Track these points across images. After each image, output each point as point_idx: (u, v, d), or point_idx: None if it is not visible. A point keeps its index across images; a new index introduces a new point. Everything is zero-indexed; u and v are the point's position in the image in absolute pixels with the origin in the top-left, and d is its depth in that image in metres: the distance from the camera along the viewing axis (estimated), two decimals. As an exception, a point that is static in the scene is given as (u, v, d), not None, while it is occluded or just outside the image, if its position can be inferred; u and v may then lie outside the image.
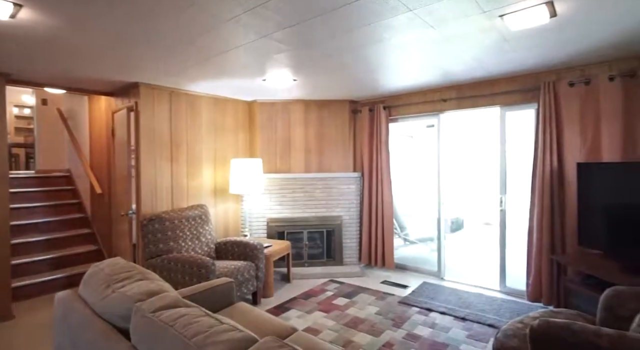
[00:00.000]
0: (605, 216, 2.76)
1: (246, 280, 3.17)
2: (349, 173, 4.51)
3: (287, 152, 4.56)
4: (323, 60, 2.83)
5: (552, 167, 3.15)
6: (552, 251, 3.14)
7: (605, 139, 2.93)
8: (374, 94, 4.22)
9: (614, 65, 2.92)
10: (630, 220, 2.61)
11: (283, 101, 4.51)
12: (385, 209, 4.33)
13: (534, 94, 3.31)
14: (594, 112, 2.99)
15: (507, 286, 3.62)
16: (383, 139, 4.34)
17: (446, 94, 3.91)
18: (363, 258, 4.51)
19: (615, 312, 1.84)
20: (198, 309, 1.19)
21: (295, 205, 4.43)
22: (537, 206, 3.22)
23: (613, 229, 2.72)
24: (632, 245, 2.58)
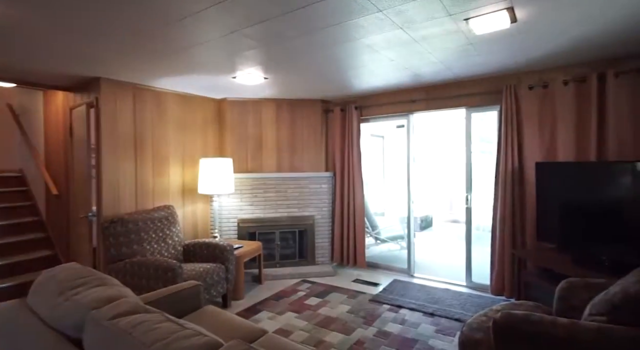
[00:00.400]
0: (560, 213, 2.94)
1: (215, 283, 3.08)
2: (321, 173, 4.51)
3: (258, 152, 4.49)
4: (294, 58, 2.80)
5: (514, 167, 3.31)
6: (514, 246, 3.30)
7: (560, 140, 3.11)
8: (346, 93, 4.25)
9: (568, 71, 3.11)
10: (581, 216, 2.79)
11: (254, 99, 4.44)
12: (357, 208, 4.37)
13: (497, 97, 3.46)
14: (550, 115, 3.17)
15: (473, 281, 3.76)
16: (355, 139, 4.38)
17: (415, 95, 4.00)
18: (335, 257, 4.53)
19: (569, 302, 1.95)
20: (160, 314, 1.13)
21: (267, 206, 4.37)
22: (500, 204, 3.37)
23: (566, 225, 2.89)
24: (582, 240, 2.76)
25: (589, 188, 2.76)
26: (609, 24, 2.22)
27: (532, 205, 3.22)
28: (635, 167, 2.51)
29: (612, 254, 2.55)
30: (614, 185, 2.63)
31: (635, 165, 2.51)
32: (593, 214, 2.72)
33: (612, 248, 2.57)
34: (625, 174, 2.57)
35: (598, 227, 2.67)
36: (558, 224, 2.95)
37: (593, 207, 2.72)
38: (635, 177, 2.52)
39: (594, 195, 2.73)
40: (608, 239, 2.60)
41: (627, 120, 2.83)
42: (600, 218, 2.67)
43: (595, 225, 2.69)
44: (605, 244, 2.61)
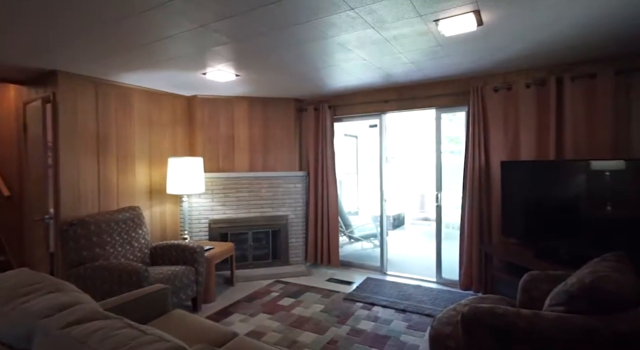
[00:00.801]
0: (522, 209, 3.08)
1: (185, 286, 2.97)
2: (295, 172, 4.48)
3: (230, 151, 4.39)
4: (265, 55, 2.76)
5: (481, 165, 3.43)
6: (481, 243, 3.42)
7: (523, 140, 3.26)
8: (319, 92, 4.24)
9: (530, 74, 3.26)
10: (541, 212, 2.94)
11: (226, 97, 4.33)
12: (331, 207, 4.37)
13: (465, 98, 3.57)
14: (514, 116, 3.31)
15: (443, 277, 3.86)
16: (328, 138, 4.38)
17: (388, 95, 4.06)
18: (309, 257, 4.51)
19: (531, 294, 2.04)
20: (120, 320, 1.06)
21: (240, 206, 4.28)
22: (468, 202, 3.48)
23: (529, 220, 3.04)
24: (543, 235, 2.90)
25: (548, 185, 2.91)
26: (564, 31, 2.35)
27: (497, 203, 3.35)
28: (589, 165, 2.67)
29: (570, 247, 2.70)
30: (570, 183, 2.78)
31: (588, 163, 2.68)
32: (552, 209, 2.87)
33: (569, 242, 2.72)
34: (580, 172, 2.73)
35: (557, 222, 2.82)
36: (521, 220, 3.10)
37: (552, 204, 2.87)
38: (588, 174, 2.68)
39: (553, 192, 2.88)
40: (566, 233, 2.75)
41: (581, 121, 3.01)
42: (559, 213, 2.82)
43: (554, 221, 2.84)
44: (564, 238, 2.76)
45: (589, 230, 2.63)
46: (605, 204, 2.57)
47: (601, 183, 2.61)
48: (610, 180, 2.57)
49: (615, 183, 2.54)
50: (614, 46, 2.67)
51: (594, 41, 2.55)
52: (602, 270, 1.49)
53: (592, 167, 2.65)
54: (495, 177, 3.38)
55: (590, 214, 2.65)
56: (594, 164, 2.64)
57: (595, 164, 2.64)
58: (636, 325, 1.30)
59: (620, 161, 2.57)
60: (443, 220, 5.73)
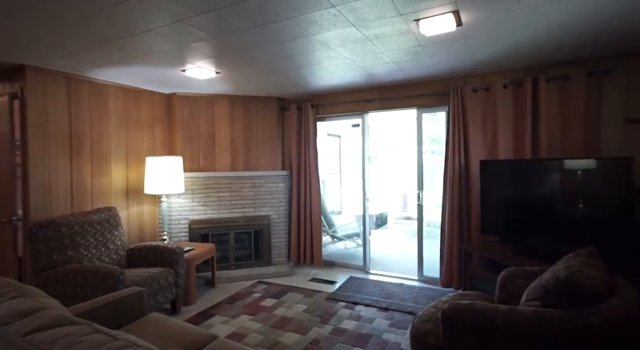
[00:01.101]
0: (501, 207, 3.15)
1: (163, 289, 2.89)
2: (277, 171, 4.44)
3: (211, 150, 4.30)
4: (247, 53, 2.71)
5: (460, 164, 3.49)
6: (461, 241, 3.48)
7: (501, 139, 3.34)
8: (302, 91, 4.21)
9: (507, 75, 3.34)
10: (519, 210, 3.01)
11: (207, 95, 4.25)
12: (314, 207, 4.36)
13: (445, 98, 3.62)
14: (492, 116, 3.39)
15: (425, 275, 3.91)
16: (311, 137, 4.36)
17: (370, 95, 4.08)
18: (292, 257, 4.48)
19: (508, 289, 2.09)
20: (88, 325, 1.01)
21: (221, 206, 4.20)
22: (449, 200, 3.53)
23: (507, 218, 3.11)
24: (521, 232, 2.98)
25: (524, 184, 2.99)
26: (539, 33, 2.41)
27: (477, 202, 3.42)
28: (562, 164, 2.76)
29: (546, 244, 2.78)
30: (545, 181, 2.86)
31: (562, 162, 2.76)
32: (529, 207, 2.95)
33: (546, 238, 2.80)
34: (554, 171, 2.81)
35: (533, 220, 2.90)
36: (500, 218, 3.17)
37: (529, 202, 2.95)
38: (562, 173, 2.76)
39: (529, 191, 2.96)
40: (542, 231, 2.83)
41: (555, 121, 3.11)
42: (535, 211, 2.90)
43: (531, 218, 2.92)
44: (540, 235, 2.84)
45: (563, 227, 2.71)
46: (577, 201, 2.66)
47: (574, 181, 2.70)
48: (582, 179, 2.66)
49: (587, 181, 2.63)
50: (586, 49, 2.76)
51: (568, 44, 2.64)
52: (575, 265, 1.53)
53: (564, 166, 2.74)
54: (475, 176, 3.45)
55: (564, 212, 2.73)
56: (566, 163, 2.73)
57: (568, 163, 2.72)
58: (606, 317, 1.34)
59: (590, 160, 2.66)
60: (425, 219, 5.81)
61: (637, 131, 2.87)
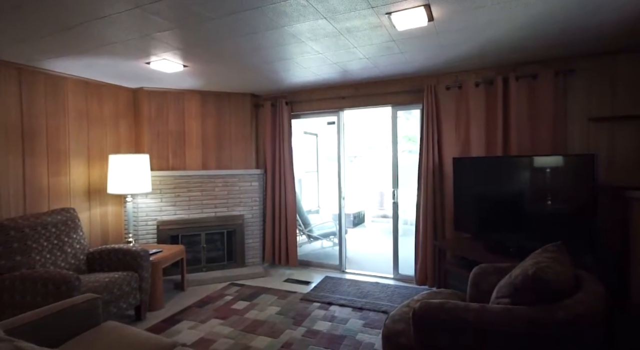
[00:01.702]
0: (473, 204, 3.17)
1: (126, 294, 2.72)
2: (251, 170, 4.31)
3: (181, 147, 4.12)
4: (215, 44, 2.59)
5: (434, 162, 3.50)
6: (435, 238, 3.49)
7: (473, 137, 3.37)
8: (276, 88, 4.11)
9: (479, 73, 3.37)
10: (491, 207, 3.04)
11: (176, 90, 4.06)
12: (289, 206, 4.26)
13: (419, 95, 3.62)
14: (465, 113, 3.41)
15: (400, 273, 3.91)
16: (286, 135, 4.27)
17: (345, 92, 4.03)
18: (267, 257, 4.37)
19: (479, 287, 2.08)
20: (8, 343, 0.88)
21: (192, 206, 4.04)
22: (423, 198, 3.53)
23: (479, 215, 3.14)
24: (493, 228, 3.01)
25: (495, 181, 3.02)
26: (507, 31, 2.43)
27: (451, 199, 3.43)
28: (531, 161, 2.80)
29: (517, 240, 2.81)
30: (515, 178, 2.90)
31: (531, 159, 2.80)
32: (500, 204, 2.98)
33: (516, 235, 2.83)
34: (523, 168, 2.85)
35: (504, 216, 2.93)
36: (472, 215, 3.19)
37: (500, 198, 2.98)
38: (531, 170, 2.81)
39: (500, 187, 2.99)
40: (513, 227, 2.87)
41: (525, 119, 3.16)
42: (505, 208, 2.94)
43: (502, 215, 2.95)
44: (511, 231, 2.87)
45: (532, 224, 2.75)
46: (545, 198, 2.71)
47: (541, 178, 2.75)
48: (550, 176, 2.70)
49: (554, 179, 2.68)
50: (554, 48, 2.82)
51: (535, 42, 2.68)
52: (543, 261, 1.52)
53: (533, 163, 2.78)
54: (448, 173, 3.46)
55: (533, 208, 2.77)
56: (535, 160, 2.77)
57: (536, 160, 2.77)
58: (572, 312, 1.33)
59: (557, 157, 2.71)
60: (401, 217, 5.83)
61: (600, 129, 2.96)
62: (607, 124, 2.94)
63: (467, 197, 3.21)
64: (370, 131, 7.98)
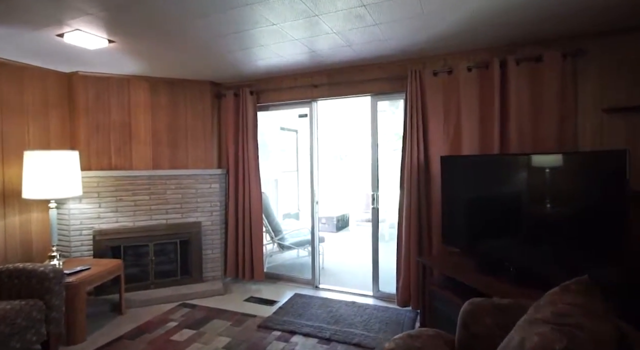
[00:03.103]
0: (464, 212, 2.63)
1: (24, 329, 2.13)
2: (210, 170, 3.73)
3: (126, 144, 3.52)
4: (149, 13, 2.01)
5: (419, 161, 2.96)
6: (420, 253, 2.95)
7: (465, 132, 2.83)
8: (239, 74, 3.53)
9: (472, 56, 2.84)
10: (485, 216, 2.51)
11: (119, 76, 3.46)
12: (254, 211, 3.69)
13: (402, 83, 3.08)
14: (456, 104, 2.87)
15: (380, 290, 3.36)
16: (250, 129, 3.69)
17: (318, 79, 3.46)
18: (229, 271, 3.79)
19: (471, 329, 1.54)
20: None
21: (138, 211, 3.44)
22: (406, 204, 2.99)
23: (471, 225, 2.60)
24: (486, 243, 2.47)
25: (491, 184, 2.49)
26: None
27: (438, 205, 2.89)
28: (533, 160, 2.26)
29: (518, 259, 2.28)
30: (515, 181, 2.37)
31: (532, 157, 2.26)
32: (496, 212, 2.44)
33: (516, 252, 2.30)
34: (524, 168, 2.32)
35: (502, 228, 2.40)
36: (463, 226, 2.65)
37: (496, 205, 2.45)
38: (532, 170, 2.27)
39: (496, 192, 2.46)
40: (512, 242, 2.33)
41: (526, 110, 2.64)
42: (504, 218, 2.40)
43: (499, 226, 2.42)
44: (510, 247, 2.34)
45: (537, 238, 2.22)
46: (556, 205, 2.18)
47: (552, 180, 2.21)
48: (557, 178, 2.17)
49: (568, 180, 2.14)
50: (563, 23, 2.29)
51: (539, 12, 2.14)
52: (568, 318, 0.98)
53: (535, 162, 2.25)
54: (436, 174, 2.92)
55: (539, 218, 2.24)
56: (537, 159, 2.24)
57: (539, 159, 2.23)
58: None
59: (564, 155, 2.18)
60: (387, 221, 5.26)
61: (616, 122, 2.44)
62: (625, 115, 2.42)
63: (458, 203, 2.67)
64: (360, 127, 7.45)
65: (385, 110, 5.16)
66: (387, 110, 5.13)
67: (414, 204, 2.94)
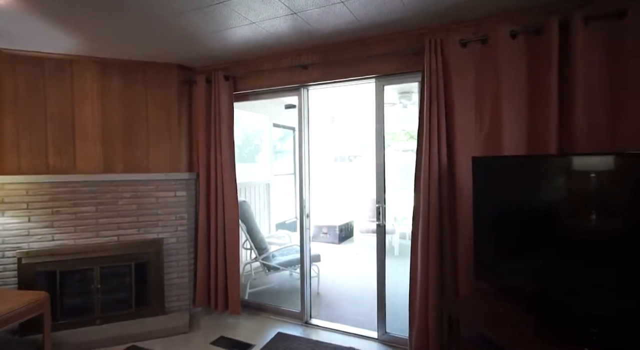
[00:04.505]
0: (509, 237, 1.83)
1: None
2: (176, 174, 3.01)
3: (68, 141, 2.81)
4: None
5: (441, 164, 2.17)
6: (441, 290, 2.15)
7: (507, 124, 2.03)
8: (210, 54, 2.79)
9: (517, 17, 2.04)
10: (545, 244, 1.70)
11: (58, 56, 2.75)
12: (229, 225, 2.95)
13: (418, 60, 2.29)
14: (493, 84, 2.07)
15: (388, 332, 2.58)
16: (225, 123, 2.95)
17: (308, 58, 2.70)
18: (199, 300, 3.05)
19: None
20: None
21: (81, 227, 2.73)
22: (422, 220, 2.20)
23: (521, 257, 1.80)
24: (550, 286, 1.66)
25: (549, 197, 1.68)
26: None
27: (467, 224, 2.09)
28: (614, 163, 1.46)
29: (596, 310, 1.47)
30: (585, 193, 1.57)
31: (614, 159, 1.46)
32: (565, 240, 1.64)
33: (603, 303, 1.49)
34: (601, 175, 1.51)
35: (575, 266, 1.59)
36: (506, 254, 1.85)
37: (564, 230, 1.64)
38: (615, 178, 1.47)
39: (563, 210, 1.65)
40: (594, 288, 1.53)
41: (600, 89, 1.83)
42: (571, 245, 1.60)
43: (570, 262, 1.61)
44: (591, 295, 1.53)
45: (633, 280, 1.42)
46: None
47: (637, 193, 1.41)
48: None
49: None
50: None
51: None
52: None
53: (618, 166, 1.45)
54: (464, 182, 2.13)
55: (628, 248, 1.44)
56: (621, 162, 1.44)
57: (624, 162, 1.43)
58: None
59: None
60: (397, 232, 4.51)
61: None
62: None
63: (498, 223, 1.87)
64: (368, 124, 6.66)
65: (395, 103, 4.36)
66: (397, 104, 4.33)
67: (432, 221, 2.15)
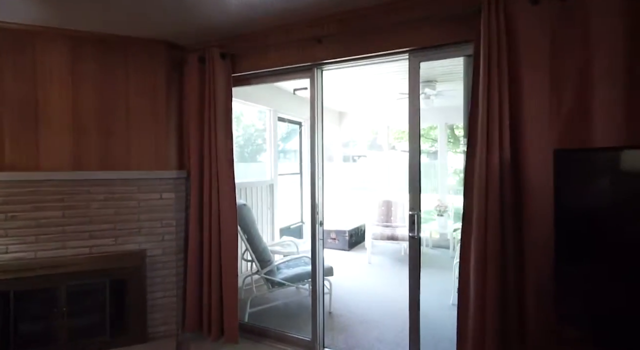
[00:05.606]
0: (608, 260, 1.30)
1: None
2: (163, 172, 2.51)
3: (30, 131, 2.31)
4: None
5: (502, 160, 1.63)
6: (504, 336, 1.61)
7: (598, 106, 1.50)
8: (202, 24, 2.27)
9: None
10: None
11: (19, 27, 2.25)
12: (226, 231, 2.43)
13: (469, 27, 1.76)
14: (578, 54, 1.54)
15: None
16: (221, 112, 2.43)
17: (322, 30, 2.17)
18: (189, 323, 2.53)
19: None
20: None
21: (44, 236, 2.24)
22: (476, 236, 1.66)
23: (620, 285, 1.26)
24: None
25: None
26: None
27: (543, 243, 1.56)
28: None
29: None
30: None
31: None
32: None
33: None
34: None
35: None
36: (602, 285, 1.32)
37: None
38: None
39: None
40: None
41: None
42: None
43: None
44: None
45: None
46: None
47: None
48: None
49: None
50: None
51: None
52: None
53: None
54: (535, 183, 1.59)
55: None
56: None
57: None
58: None
59: None
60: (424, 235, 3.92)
61: None
62: None
63: (591, 240, 1.34)
64: (374, 120, 6.14)
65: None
66: (425, 92, 3.78)
67: (491, 237, 1.61)
